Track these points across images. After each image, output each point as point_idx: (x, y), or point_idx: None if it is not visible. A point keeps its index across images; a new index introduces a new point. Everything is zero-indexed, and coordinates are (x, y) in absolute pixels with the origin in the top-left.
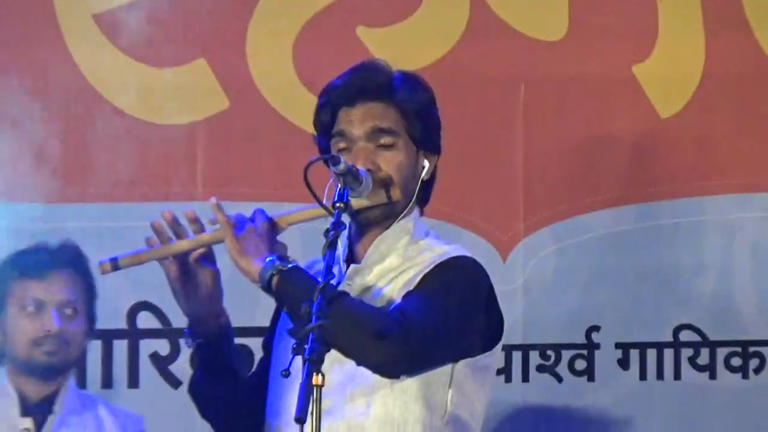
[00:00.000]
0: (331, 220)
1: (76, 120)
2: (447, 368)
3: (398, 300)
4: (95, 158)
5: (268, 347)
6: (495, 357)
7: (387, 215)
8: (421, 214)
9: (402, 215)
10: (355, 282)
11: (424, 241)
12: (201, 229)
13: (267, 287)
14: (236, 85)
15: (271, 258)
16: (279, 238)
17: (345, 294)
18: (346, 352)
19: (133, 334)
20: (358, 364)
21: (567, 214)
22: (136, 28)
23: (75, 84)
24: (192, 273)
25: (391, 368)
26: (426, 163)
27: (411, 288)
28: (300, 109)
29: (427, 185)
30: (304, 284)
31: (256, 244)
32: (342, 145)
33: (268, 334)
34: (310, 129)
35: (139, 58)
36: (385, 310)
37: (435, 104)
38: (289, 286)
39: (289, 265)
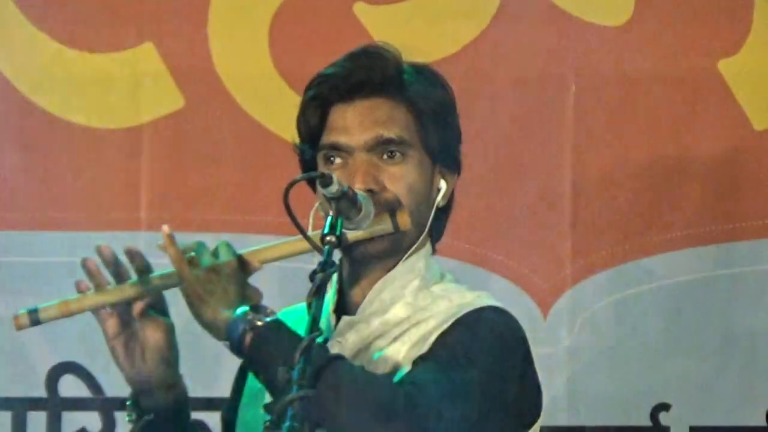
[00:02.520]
0: (318, 257)
1: None
2: None
3: (406, 365)
4: (5, 172)
5: (230, 422)
6: None
7: (392, 250)
8: (434, 251)
9: (410, 251)
10: (347, 339)
11: (439, 286)
12: (147, 270)
13: (237, 347)
14: (193, 77)
15: (243, 309)
16: (250, 280)
17: (339, 358)
18: None
19: (54, 405)
20: None
21: (627, 257)
22: (62, 1)
23: None
24: (138, 328)
25: None
26: (443, 184)
27: (423, 350)
28: (277, 109)
29: (442, 214)
30: (287, 344)
31: (223, 288)
32: (334, 157)
33: (229, 404)
34: (291, 135)
35: (65, 40)
36: (390, 382)
37: (455, 108)
38: (267, 346)
39: (267, 319)
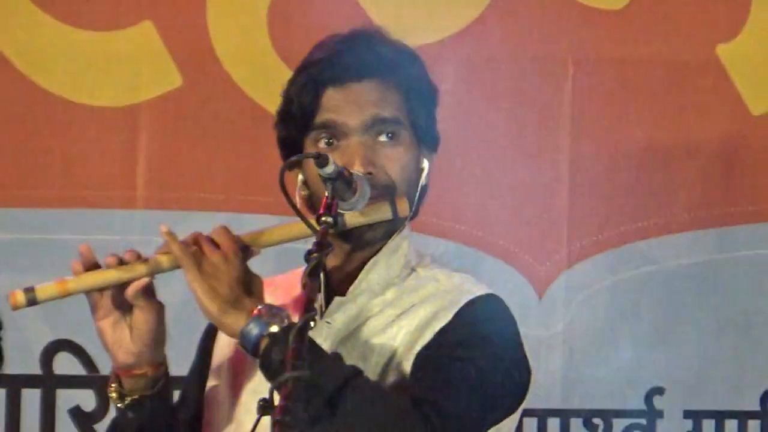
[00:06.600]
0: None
1: None
2: None
3: (403, 350)
4: (4, 151)
5: (191, 397)
6: (514, 422)
7: (387, 235)
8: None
9: (396, 233)
10: (335, 320)
11: (422, 267)
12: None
13: (251, 350)
14: (192, 56)
15: (258, 311)
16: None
17: (356, 375)
18: None
19: (49, 382)
20: None
21: (624, 240)
22: None
23: None
24: (129, 310)
25: None
26: (426, 164)
27: (423, 339)
28: (275, 89)
29: (422, 193)
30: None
31: (230, 282)
32: (325, 140)
33: (191, 379)
34: None
35: (63, 18)
36: (409, 405)
37: (435, 86)
38: (283, 353)
39: (284, 325)
